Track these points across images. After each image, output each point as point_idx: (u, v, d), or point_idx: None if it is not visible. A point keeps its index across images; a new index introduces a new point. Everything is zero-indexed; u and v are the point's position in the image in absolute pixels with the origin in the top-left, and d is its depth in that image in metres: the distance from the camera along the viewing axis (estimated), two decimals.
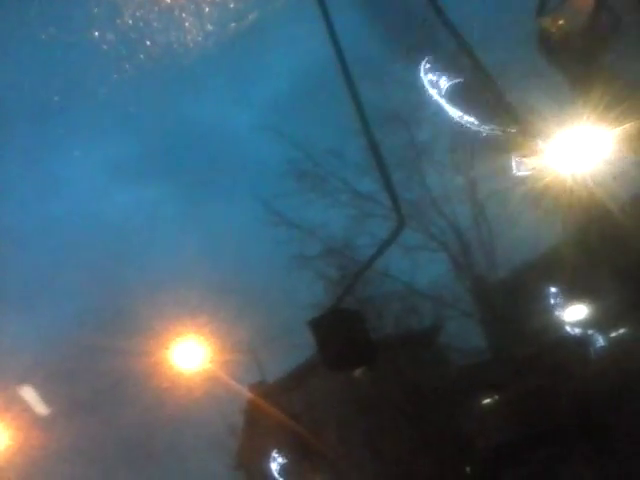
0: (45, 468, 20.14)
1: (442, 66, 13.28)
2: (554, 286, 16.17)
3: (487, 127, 12.39)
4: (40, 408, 19.19)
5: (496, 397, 19.35)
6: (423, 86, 13.42)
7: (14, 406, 18.67)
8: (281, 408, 20.53)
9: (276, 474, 22.73)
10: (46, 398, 19.49)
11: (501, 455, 17.55)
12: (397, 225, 8.18)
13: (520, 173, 12.22)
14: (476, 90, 12.84)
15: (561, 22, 11.31)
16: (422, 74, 13.24)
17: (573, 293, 15.83)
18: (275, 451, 22.76)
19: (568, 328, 16.06)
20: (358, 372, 17.31)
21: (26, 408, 19.02)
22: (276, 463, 22.81)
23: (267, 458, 22.90)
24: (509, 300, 16.41)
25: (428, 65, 13.14)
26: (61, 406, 19.80)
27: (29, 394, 19.17)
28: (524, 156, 12.28)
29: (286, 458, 22.52)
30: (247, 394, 21.10)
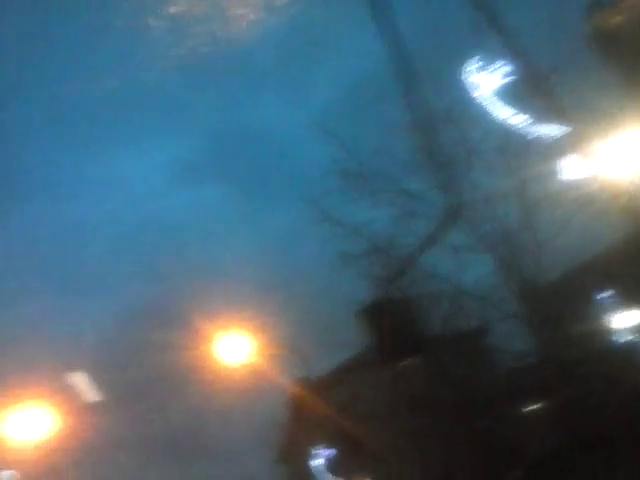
0: (93, 454, 20.73)
1: (495, 65, 13.15)
2: (605, 290, 15.81)
3: (538, 128, 12.21)
4: (90, 395, 19.78)
5: (543, 403, 19.05)
6: (475, 85, 13.33)
7: (66, 391, 19.29)
8: (325, 404, 20.62)
9: (319, 470, 22.86)
10: (97, 386, 20.09)
11: (548, 462, 17.29)
12: (452, 209, 8.15)
13: (571, 175, 12.01)
14: (528, 90, 12.68)
15: (616, 17, 11.06)
16: (474, 73, 13.14)
17: (624, 298, 15.46)
18: (319, 447, 22.90)
19: (618, 334, 15.69)
20: (406, 362, 17.31)
21: (77, 394, 19.63)
22: (320, 459, 22.94)
23: (311, 454, 23.05)
24: (558, 303, 16.10)
25: (480, 64, 13.02)
26: (110, 395, 20.37)
27: (81, 380, 19.78)
28: (576, 158, 12.07)
29: (330, 454, 22.63)
30: (292, 389, 21.27)
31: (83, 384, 19.69)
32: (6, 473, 19.63)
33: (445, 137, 15.44)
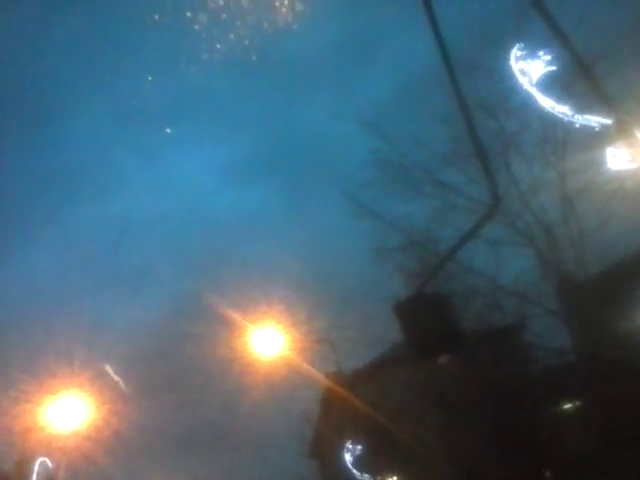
0: (128, 443, 20.92)
1: (534, 53, 12.88)
2: None
3: (581, 118, 11.92)
4: (126, 385, 19.96)
5: (579, 401, 18.70)
6: (514, 74, 13.07)
7: (102, 380, 19.49)
8: (356, 399, 20.53)
9: (350, 465, 22.79)
10: (133, 377, 20.28)
11: (582, 462, 16.96)
12: (493, 203, 8.03)
13: (614, 167, 11.69)
14: (570, 79, 12.40)
15: None
16: (513, 62, 12.87)
17: None
18: (349, 442, 22.83)
19: None
20: (443, 359, 17.10)
21: (113, 384, 19.82)
22: (350, 454, 22.88)
23: (341, 448, 23.00)
24: (598, 299, 15.72)
25: (519, 52, 12.76)
26: (146, 386, 20.56)
27: (117, 371, 19.96)
28: (619, 149, 11.75)
29: (360, 449, 22.55)
30: (324, 383, 21.21)
31: (119, 374, 19.88)
32: (42, 460, 19.91)
33: (485, 128, 15.21)
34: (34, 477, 19.62)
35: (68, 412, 18.59)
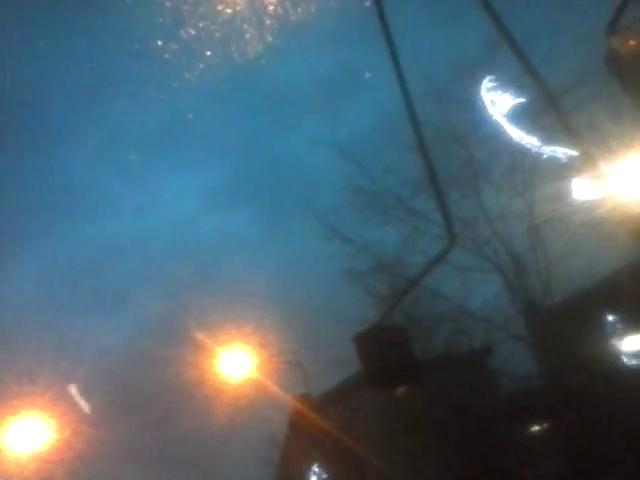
0: (91, 465, 20.52)
1: (504, 85, 13.13)
2: (611, 314, 15.68)
3: (548, 149, 12.15)
4: (89, 407, 19.61)
5: (545, 426, 18.85)
6: (483, 105, 13.29)
7: (66, 401, 19.13)
8: (324, 422, 20.43)
9: None
10: (98, 398, 19.94)
11: None
12: (448, 243, 8.14)
13: (581, 197, 11.92)
14: (539, 111, 12.67)
15: (632, 42, 11.03)
16: (483, 93, 13.10)
17: (631, 322, 15.33)
18: (317, 465, 22.67)
19: (625, 358, 15.53)
20: (400, 391, 17.14)
21: (75, 405, 19.47)
22: (316, 478, 22.71)
23: (309, 472, 22.83)
24: (564, 326, 15.94)
25: (490, 84, 12.99)
26: (111, 408, 20.23)
27: (79, 392, 19.61)
28: (585, 180, 12.00)
29: (327, 473, 22.41)
30: (292, 405, 21.10)
31: (84, 395, 19.54)
32: None
33: (454, 157, 15.44)
34: None
35: (29, 434, 18.19)
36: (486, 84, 13.13)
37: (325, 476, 22.58)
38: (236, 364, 18.88)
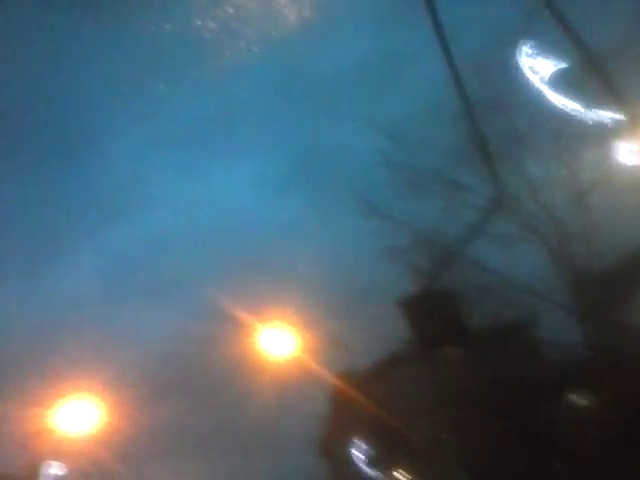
0: (139, 447, 20.96)
1: (544, 51, 12.88)
2: None
3: (592, 114, 11.93)
4: (138, 389, 19.96)
5: (591, 397, 18.70)
6: (524, 73, 13.07)
7: (114, 384, 19.51)
8: (366, 399, 20.56)
9: (360, 463, 22.82)
10: (145, 381, 20.31)
11: (594, 458, 16.97)
12: (494, 204, 8.08)
13: (627, 162, 11.69)
14: (581, 76, 12.40)
15: None
16: (523, 60, 12.87)
17: None
18: (359, 440, 22.86)
19: None
20: (447, 352, 17.12)
21: (124, 387, 19.83)
22: (360, 452, 22.90)
23: (351, 447, 23.03)
24: (610, 294, 15.73)
25: (530, 50, 12.75)
26: (158, 390, 20.60)
27: (128, 375, 19.97)
28: (632, 144, 11.78)
29: (370, 448, 22.58)
30: (334, 382, 21.24)
31: (131, 378, 19.90)
32: (53, 464, 19.93)
33: (497, 126, 15.23)
34: None
35: (78, 416, 18.61)
36: (526, 50, 12.88)
37: (368, 453, 22.76)
38: (279, 343, 19.04)
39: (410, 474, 21.94)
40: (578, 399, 18.92)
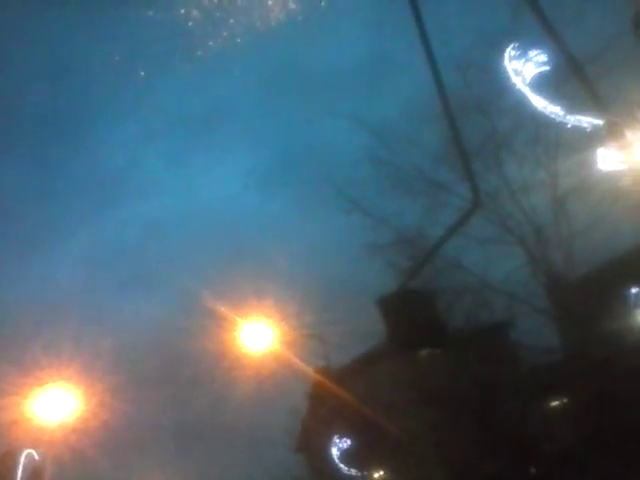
0: (116, 435, 20.93)
1: (528, 53, 12.85)
2: (635, 287, 15.52)
3: (572, 118, 11.92)
4: (115, 377, 19.92)
5: (566, 399, 18.81)
6: (507, 74, 13.03)
7: (89, 374, 19.46)
8: (345, 393, 20.58)
9: (337, 459, 22.85)
10: (122, 369, 20.27)
11: (568, 459, 17.08)
12: (473, 202, 8.06)
13: (605, 168, 11.69)
14: (562, 79, 12.41)
15: None
16: (507, 61, 12.84)
17: None
18: (337, 436, 22.89)
19: None
20: (424, 352, 17.15)
21: (102, 377, 19.78)
22: (337, 448, 22.93)
23: (329, 443, 23.05)
24: (586, 299, 15.81)
25: (513, 52, 12.72)
26: (135, 379, 20.58)
27: (105, 364, 19.92)
28: (610, 150, 11.76)
29: (348, 444, 22.61)
30: (313, 377, 21.26)
31: (108, 366, 19.85)
32: (28, 452, 19.87)
33: (478, 127, 15.26)
34: (20, 469, 19.57)
35: (55, 404, 18.55)
36: (510, 52, 12.84)
37: (345, 447, 22.79)
38: (257, 336, 19.03)
39: (387, 471, 22.02)
40: (552, 402, 19.05)
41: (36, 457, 19.91)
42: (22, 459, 19.64)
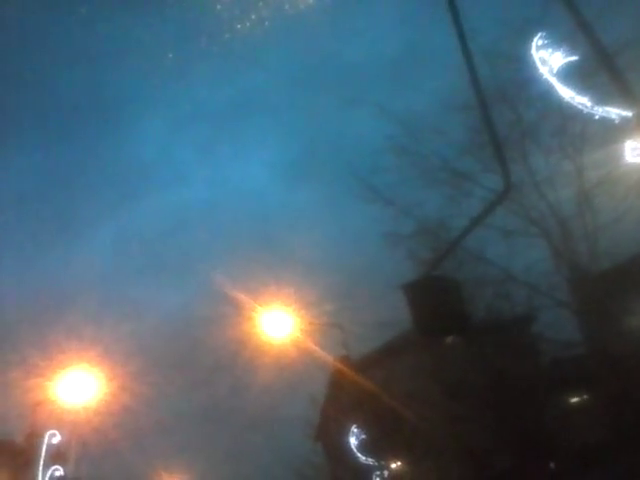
0: (137, 418, 21.23)
1: (555, 43, 12.66)
2: None
3: (600, 110, 11.73)
4: (136, 362, 20.19)
5: (586, 395, 18.64)
6: (534, 64, 12.86)
7: (112, 356, 19.74)
8: (364, 383, 20.60)
9: (354, 449, 22.92)
10: (142, 354, 20.52)
11: (587, 455, 16.94)
12: (505, 187, 7.97)
13: (633, 161, 11.51)
14: (591, 69, 12.22)
15: None
16: (534, 51, 12.67)
17: None
18: (355, 426, 22.95)
19: None
20: (447, 342, 17.10)
21: (123, 360, 20.06)
22: (355, 438, 23.00)
23: (347, 432, 23.13)
24: (610, 293, 15.58)
25: (541, 41, 12.54)
26: (156, 363, 20.83)
27: (127, 348, 20.20)
28: (638, 143, 11.58)
29: (365, 434, 22.66)
30: (332, 366, 21.32)
31: (130, 351, 20.11)
32: (51, 433, 20.24)
33: (503, 118, 15.08)
34: (44, 449, 19.96)
35: (78, 387, 18.87)
36: (537, 41, 12.65)
37: (363, 437, 22.85)
38: (278, 325, 19.14)
39: (404, 462, 22.04)
40: (572, 398, 18.89)
41: (59, 438, 20.28)
42: (46, 440, 20.02)
